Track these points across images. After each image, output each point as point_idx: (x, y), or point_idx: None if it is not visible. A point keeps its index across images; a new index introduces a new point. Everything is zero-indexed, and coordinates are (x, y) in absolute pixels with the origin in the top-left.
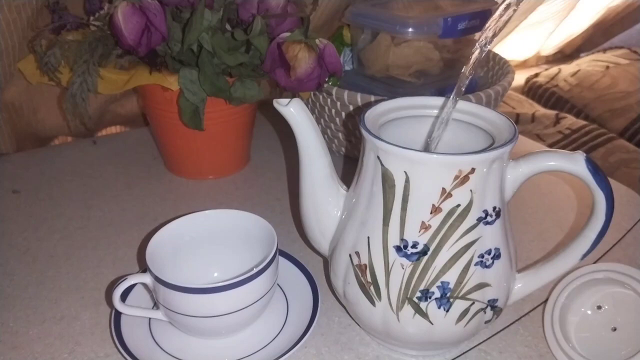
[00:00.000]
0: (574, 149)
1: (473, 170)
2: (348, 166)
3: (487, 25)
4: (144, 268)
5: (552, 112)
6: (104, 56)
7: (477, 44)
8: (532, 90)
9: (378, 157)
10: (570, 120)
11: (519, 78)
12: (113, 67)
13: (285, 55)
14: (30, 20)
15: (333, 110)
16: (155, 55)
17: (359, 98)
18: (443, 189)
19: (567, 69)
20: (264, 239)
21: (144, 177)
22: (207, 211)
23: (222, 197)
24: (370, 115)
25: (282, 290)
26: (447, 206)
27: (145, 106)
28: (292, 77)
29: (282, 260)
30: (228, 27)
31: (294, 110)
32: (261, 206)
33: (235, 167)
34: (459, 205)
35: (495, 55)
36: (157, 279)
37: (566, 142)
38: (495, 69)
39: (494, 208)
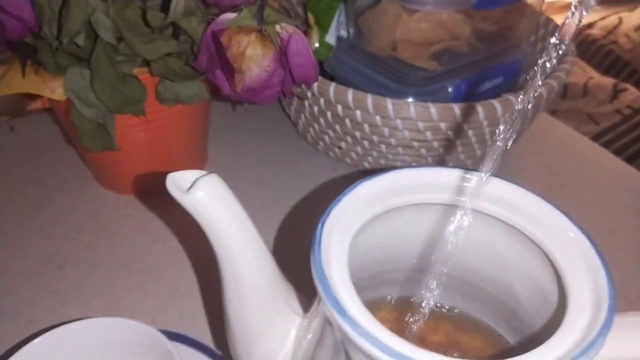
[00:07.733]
0: (636, 137)
1: None
2: (338, 179)
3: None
4: None
5: (609, 82)
6: None
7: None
8: (583, 45)
9: (343, 345)
10: (631, 95)
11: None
12: None
13: (226, 51)
14: None
15: (315, 108)
16: (27, 48)
17: (350, 97)
18: None
19: (630, 19)
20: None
21: (62, 188)
22: (83, 321)
23: (156, 228)
24: (333, 223)
25: None
26: None
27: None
28: (237, 85)
29: None
30: None
31: (203, 197)
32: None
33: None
34: None
35: (548, 19)
36: None
37: (626, 127)
38: (547, 40)
39: None
